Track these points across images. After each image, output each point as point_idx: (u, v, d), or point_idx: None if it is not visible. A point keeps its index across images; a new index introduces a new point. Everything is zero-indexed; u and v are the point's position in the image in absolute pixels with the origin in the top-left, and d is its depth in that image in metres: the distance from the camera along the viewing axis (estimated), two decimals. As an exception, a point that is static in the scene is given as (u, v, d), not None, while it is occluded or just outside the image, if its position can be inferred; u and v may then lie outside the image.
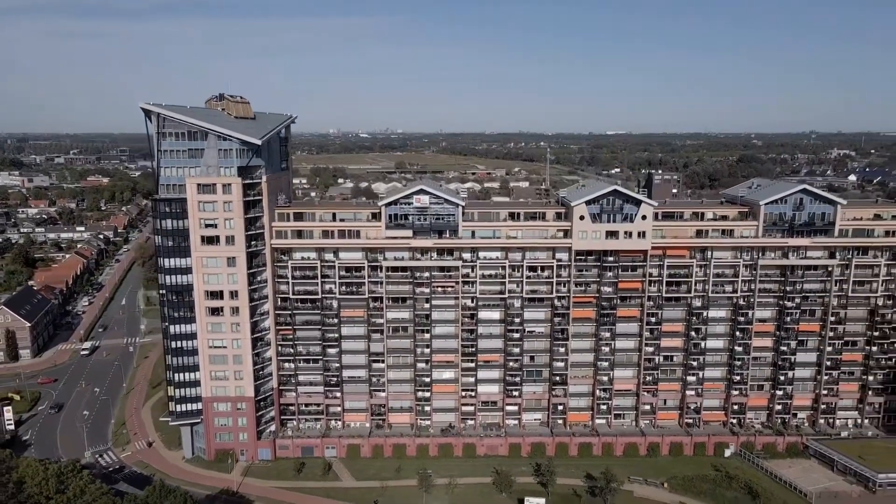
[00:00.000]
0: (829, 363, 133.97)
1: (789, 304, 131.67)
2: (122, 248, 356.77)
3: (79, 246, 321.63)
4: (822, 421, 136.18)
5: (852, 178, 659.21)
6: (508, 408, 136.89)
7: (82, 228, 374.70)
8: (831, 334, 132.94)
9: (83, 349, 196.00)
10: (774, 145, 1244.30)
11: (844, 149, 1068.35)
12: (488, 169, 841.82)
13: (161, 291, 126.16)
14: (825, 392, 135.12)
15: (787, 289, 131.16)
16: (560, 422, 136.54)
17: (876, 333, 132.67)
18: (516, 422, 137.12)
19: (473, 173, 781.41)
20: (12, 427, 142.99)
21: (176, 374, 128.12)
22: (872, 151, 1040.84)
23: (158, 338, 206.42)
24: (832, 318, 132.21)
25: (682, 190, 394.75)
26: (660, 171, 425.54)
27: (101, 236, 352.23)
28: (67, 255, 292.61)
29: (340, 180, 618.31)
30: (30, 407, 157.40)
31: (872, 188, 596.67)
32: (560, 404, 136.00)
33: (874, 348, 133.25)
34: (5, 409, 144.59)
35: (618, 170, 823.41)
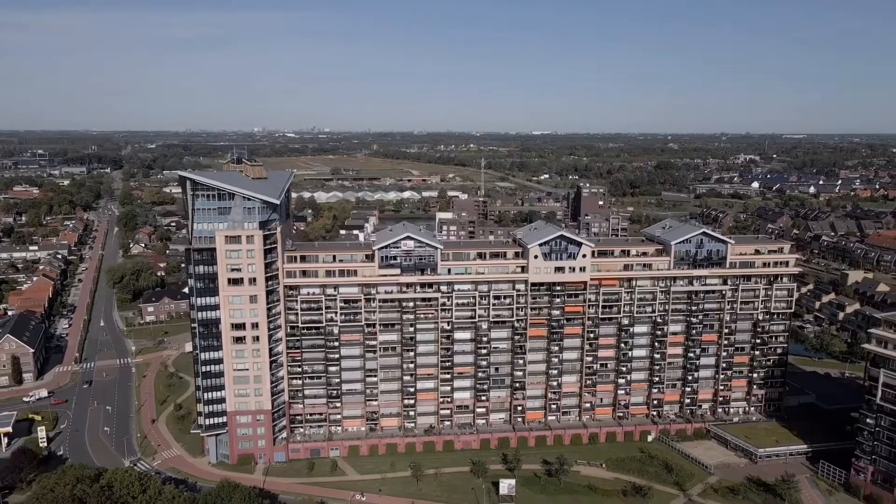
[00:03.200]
0: (724, 365, 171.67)
1: (694, 320, 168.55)
2: (79, 266, 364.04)
3: (41, 267, 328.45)
4: (720, 410, 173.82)
5: (755, 185, 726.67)
6: (478, 410, 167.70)
7: (35, 248, 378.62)
8: (725, 343, 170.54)
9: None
10: (689, 149, 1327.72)
11: (750, 153, 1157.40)
12: (423, 175, 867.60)
13: (193, 325, 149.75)
14: (722, 388, 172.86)
15: (693, 308, 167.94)
16: (520, 420, 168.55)
17: (758, 341, 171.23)
18: (485, 421, 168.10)
19: (409, 180, 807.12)
20: (45, 444, 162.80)
21: (205, 393, 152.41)
22: (774, 156, 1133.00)
23: (150, 357, 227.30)
24: (726, 331, 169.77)
25: (608, 199, 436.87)
26: (588, 185, 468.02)
27: (59, 256, 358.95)
28: (36, 278, 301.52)
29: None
30: (53, 426, 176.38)
31: (772, 195, 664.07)
32: (520, 405, 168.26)
33: (757, 352, 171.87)
34: (39, 428, 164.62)
35: (546, 175, 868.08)
